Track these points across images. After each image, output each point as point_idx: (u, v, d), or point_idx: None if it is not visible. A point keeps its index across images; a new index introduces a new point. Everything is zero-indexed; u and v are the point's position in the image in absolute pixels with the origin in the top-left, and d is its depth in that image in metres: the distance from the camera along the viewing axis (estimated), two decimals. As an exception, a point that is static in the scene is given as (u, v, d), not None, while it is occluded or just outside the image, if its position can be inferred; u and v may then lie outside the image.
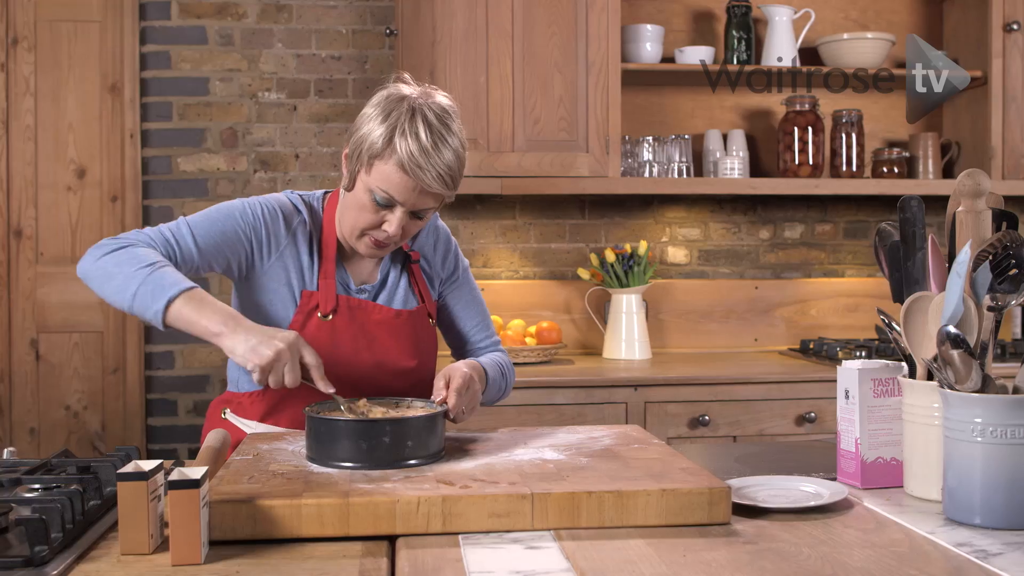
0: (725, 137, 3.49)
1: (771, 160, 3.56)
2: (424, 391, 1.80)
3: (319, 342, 1.66)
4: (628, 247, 3.37)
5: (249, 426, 1.75)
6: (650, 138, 3.37)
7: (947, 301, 1.28)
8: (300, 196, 1.80)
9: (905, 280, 1.40)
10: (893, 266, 1.43)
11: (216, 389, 3.43)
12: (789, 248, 3.64)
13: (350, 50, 3.47)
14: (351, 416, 1.46)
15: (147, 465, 1.19)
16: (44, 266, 3.42)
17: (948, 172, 3.54)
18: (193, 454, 3.39)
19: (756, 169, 3.54)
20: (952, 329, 1.22)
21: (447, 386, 1.58)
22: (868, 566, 1.09)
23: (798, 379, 2.97)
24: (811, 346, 3.35)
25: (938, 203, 3.72)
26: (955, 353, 1.22)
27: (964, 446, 1.24)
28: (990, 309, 1.31)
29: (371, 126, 1.62)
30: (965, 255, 1.26)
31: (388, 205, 1.63)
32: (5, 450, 1.50)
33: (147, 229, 1.65)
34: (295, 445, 1.54)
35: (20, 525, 1.14)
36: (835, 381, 3.04)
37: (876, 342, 3.30)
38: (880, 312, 1.46)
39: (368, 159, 1.62)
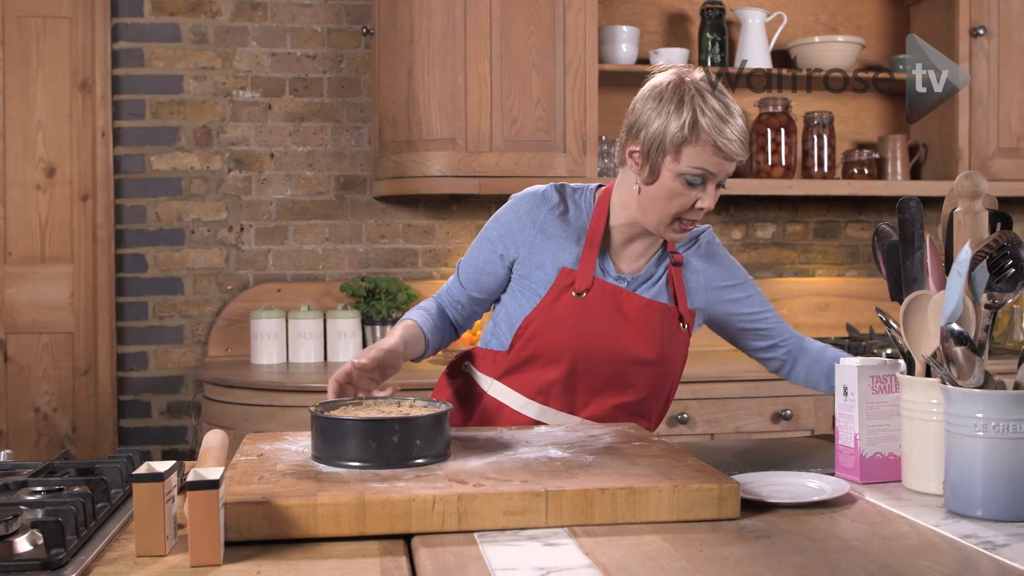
0: (699, 138, 3.53)
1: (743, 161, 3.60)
2: (660, 391, 1.86)
3: (568, 318, 1.79)
4: (604, 247, 3.39)
5: (485, 381, 1.87)
6: (626, 139, 3.40)
7: (947, 299, 1.31)
8: (565, 186, 1.87)
9: (904, 279, 1.43)
10: (891, 265, 1.46)
11: (190, 390, 3.40)
12: (761, 248, 3.69)
13: (325, 49, 3.45)
14: (359, 415, 1.45)
15: (160, 466, 1.18)
16: (12, 266, 3.36)
17: (916, 173, 3.62)
18: (168, 456, 3.35)
19: (729, 170, 3.58)
20: (956, 326, 1.25)
21: None
22: (882, 558, 1.11)
23: (774, 377, 3.00)
24: (784, 344, 3.39)
25: (905, 204, 3.80)
26: (959, 350, 1.25)
27: (966, 441, 1.27)
28: (987, 307, 1.34)
29: (664, 118, 1.69)
30: (966, 255, 1.29)
31: (701, 183, 1.72)
32: (2, 452, 1.48)
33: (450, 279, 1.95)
34: (297, 445, 1.54)
35: (35, 527, 1.13)
36: (810, 379, 3.05)
37: (848, 340, 3.36)
38: (878, 310, 1.49)
39: (675, 147, 1.69)
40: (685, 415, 2.93)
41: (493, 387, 1.87)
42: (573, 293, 1.80)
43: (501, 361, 1.86)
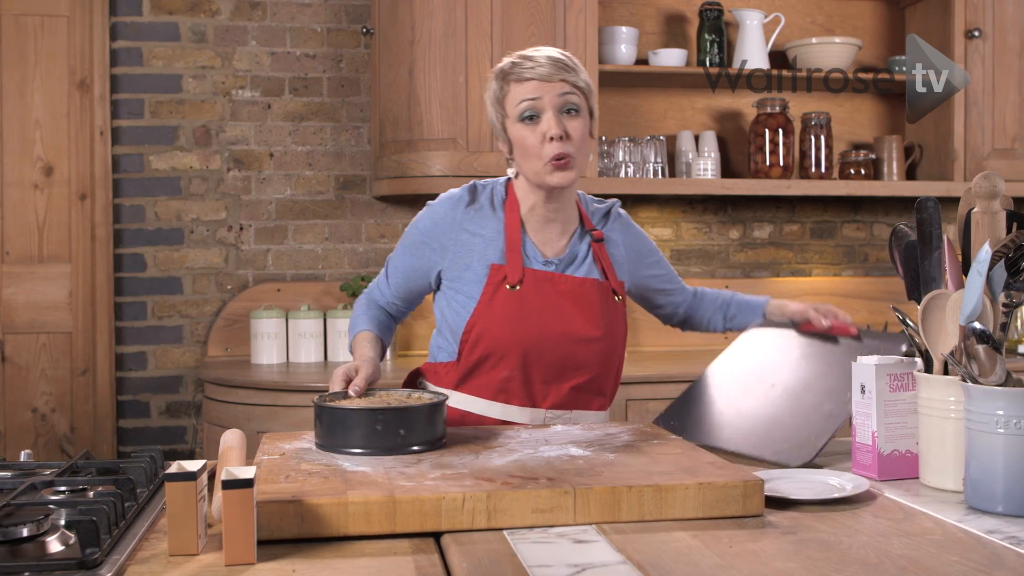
0: (697, 138, 3.55)
1: (741, 161, 3.63)
2: (609, 364, 1.88)
3: (508, 312, 1.80)
4: (604, 246, 3.41)
5: (444, 393, 1.88)
6: (626, 139, 3.41)
7: (967, 298, 1.32)
8: (476, 184, 1.91)
9: (922, 278, 1.45)
10: (908, 265, 1.48)
11: (190, 390, 3.39)
12: (758, 248, 3.71)
13: (325, 48, 3.45)
14: (359, 404, 1.53)
15: (192, 465, 1.18)
16: (10, 265, 3.34)
17: (911, 174, 3.65)
18: (168, 456, 3.34)
19: (726, 170, 3.61)
20: (978, 325, 1.27)
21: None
22: (910, 553, 1.13)
23: (774, 376, 3.03)
24: (782, 343, 3.41)
25: (901, 204, 3.84)
26: (981, 348, 1.27)
27: (987, 437, 1.29)
28: (1004, 306, 1.36)
29: (489, 92, 1.84)
30: (986, 254, 1.31)
31: (533, 115, 1.77)
32: (22, 452, 1.48)
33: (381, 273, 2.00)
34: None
35: (69, 527, 1.13)
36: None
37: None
38: (895, 309, 1.51)
39: (500, 105, 1.81)
40: (686, 414, 2.94)
41: (453, 398, 1.85)
42: (507, 287, 1.81)
43: (453, 371, 1.86)
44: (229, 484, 1.12)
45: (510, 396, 1.83)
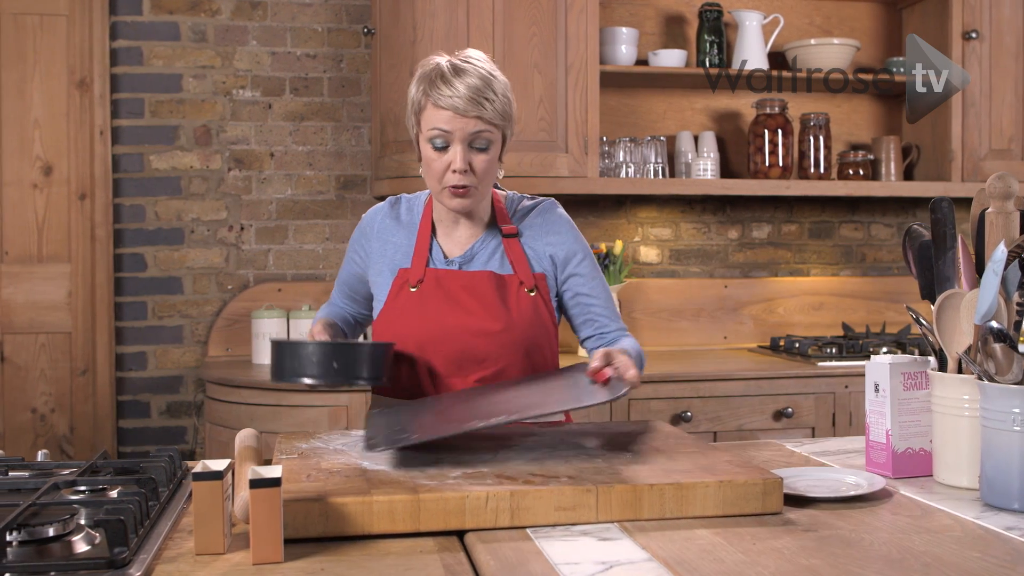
0: (696, 139, 3.56)
1: (740, 161, 3.64)
2: (516, 357, 1.83)
3: (407, 310, 1.85)
4: (604, 247, 3.42)
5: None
6: (627, 139, 3.42)
7: (982, 297, 1.34)
8: (400, 197, 1.98)
9: (936, 278, 1.46)
10: (922, 265, 1.49)
11: (190, 390, 3.39)
12: (757, 248, 3.73)
13: (325, 48, 3.45)
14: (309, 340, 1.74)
15: (216, 464, 1.18)
16: (9, 265, 3.33)
17: (909, 174, 3.67)
18: (167, 456, 3.33)
19: (725, 170, 3.62)
20: (995, 324, 1.28)
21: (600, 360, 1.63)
22: (932, 550, 1.14)
23: (774, 376, 3.05)
24: (781, 343, 3.44)
25: (898, 205, 3.86)
26: (998, 347, 1.28)
27: (1003, 435, 1.30)
28: (1019, 305, 1.38)
29: (411, 93, 1.83)
30: (1002, 254, 1.32)
31: (444, 145, 1.77)
32: (39, 452, 1.48)
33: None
34: (333, 443, 1.55)
35: (97, 526, 1.13)
36: (809, 378, 3.11)
37: (844, 339, 3.40)
38: (909, 308, 1.52)
39: (416, 117, 1.82)
40: (688, 413, 2.96)
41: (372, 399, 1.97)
42: (409, 287, 1.86)
43: None
44: (257, 483, 1.12)
45: (413, 391, 1.85)
